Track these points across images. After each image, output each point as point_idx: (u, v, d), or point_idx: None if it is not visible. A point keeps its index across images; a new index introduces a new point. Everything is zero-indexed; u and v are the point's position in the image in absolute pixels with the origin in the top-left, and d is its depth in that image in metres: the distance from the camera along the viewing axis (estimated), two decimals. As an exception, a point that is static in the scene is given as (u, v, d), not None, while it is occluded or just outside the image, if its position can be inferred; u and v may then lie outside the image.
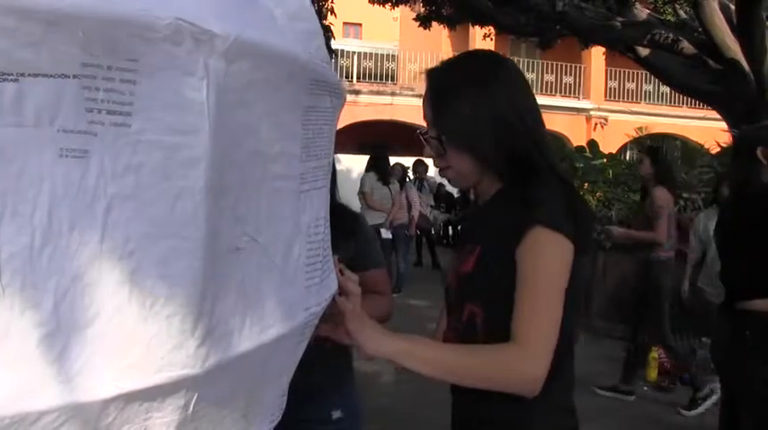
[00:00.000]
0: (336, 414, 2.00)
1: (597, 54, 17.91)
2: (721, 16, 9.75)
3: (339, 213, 1.95)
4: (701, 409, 4.76)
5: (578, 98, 20.14)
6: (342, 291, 1.16)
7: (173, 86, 0.70)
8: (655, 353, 5.39)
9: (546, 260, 1.24)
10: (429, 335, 1.52)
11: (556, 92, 20.01)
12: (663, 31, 10.27)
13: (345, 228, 1.93)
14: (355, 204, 8.56)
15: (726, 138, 9.97)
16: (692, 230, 5.19)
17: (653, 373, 5.40)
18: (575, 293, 1.33)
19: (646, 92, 20.65)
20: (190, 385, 0.78)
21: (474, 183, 1.42)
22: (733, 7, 9.43)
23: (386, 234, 8.05)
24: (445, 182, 1.38)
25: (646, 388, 5.31)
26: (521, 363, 1.20)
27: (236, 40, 0.74)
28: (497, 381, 1.22)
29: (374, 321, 1.21)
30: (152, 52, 0.68)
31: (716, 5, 9.92)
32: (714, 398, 4.61)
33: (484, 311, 1.34)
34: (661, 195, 4.94)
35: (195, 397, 0.79)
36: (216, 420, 0.86)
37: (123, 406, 0.72)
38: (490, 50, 1.54)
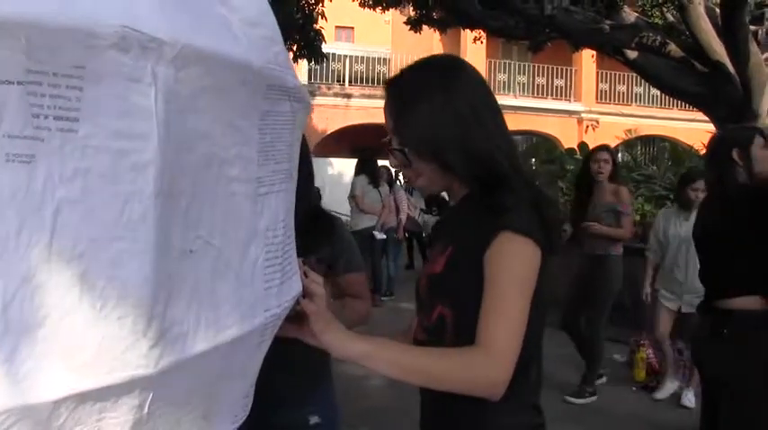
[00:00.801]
0: (314, 419, 2.00)
1: (588, 57, 17.99)
2: (707, 20, 9.83)
3: (316, 217, 1.97)
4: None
5: (570, 100, 20.20)
6: (306, 292, 1.18)
7: (120, 93, 0.71)
8: (643, 354, 5.42)
9: (514, 265, 1.25)
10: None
11: (547, 94, 20.08)
12: (650, 34, 10.34)
13: (321, 233, 1.94)
14: (348, 207, 8.60)
15: (703, 139, 10.05)
16: (652, 231, 5.20)
17: (641, 373, 5.42)
18: (544, 295, 1.35)
19: (636, 94, 20.73)
20: (144, 385, 0.79)
21: (444, 188, 1.44)
22: (718, 11, 9.49)
23: (380, 235, 8.07)
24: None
25: (634, 388, 5.33)
26: (484, 368, 1.21)
27: (185, 48, 0.75)
28: (461, 384, 1.23)
29: (339, 323, 1.22)
30: (98, 59, 0.69)
31: (702, 9, 9.99)
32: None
33: (452, 312, 1.35)
34: (627, 193, 5.03)
35: (150, 397, 0.81)
36: (173, 420, 0.88)
37: (75, 406, 0.73)
38: (448, 55, 1.56)
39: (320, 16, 12.87)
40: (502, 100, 17.88)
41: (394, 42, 20.41)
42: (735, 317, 2.61)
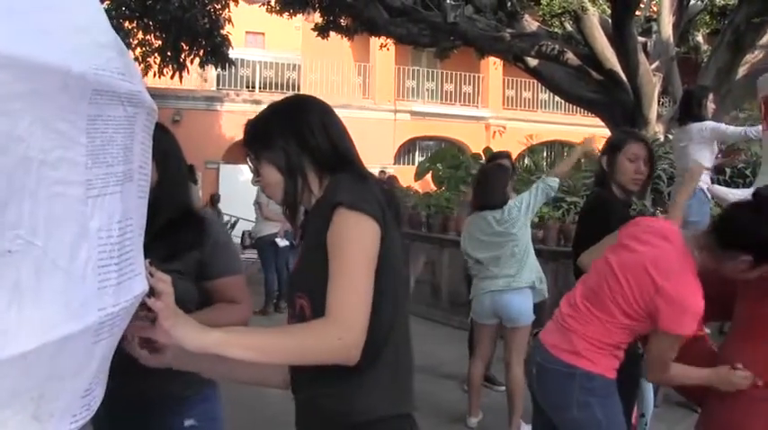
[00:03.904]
0: (189, 421, 2.00)
1: (497, 64, 18.48)
2: (601, 30, 10.32)
3: (185, 221, 1.98)
4: None
5: (477, 107, 20.70)
6: (153, 291, 1.20)
7: None
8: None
9: (349, 237, 1.34)
10: None
11: (455, 101, 20.51)
12: (550, 43, 10.77)
13: (190, 235, 1.95)
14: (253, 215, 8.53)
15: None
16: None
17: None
18: (395, 275, 1.43)
19: (542, 100, 21.43)
20: (-39, 385, 0.80)
21: (297, 198, 1.53)
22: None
23: (282, 243, 8.05)
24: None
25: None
26: (335, 333, 1.27)
27: (-8, 54, 0.77)
28: (317, 354, 1.29)
29: (189, 317, 1.25)
30: None
31: (596, 20, 10.48)
32: None
33: (309, 300, 1.43)
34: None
35: (-31, 396, 0.82)
36: (-1, 420, 0.89)
37: None
38: (302, 94, 1.79)
39: (227, 21, 12.76)
40: (410, 106, 18.13)
41: (304, 49, 20.40)
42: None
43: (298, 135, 1.50)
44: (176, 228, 1.93)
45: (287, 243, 8.09)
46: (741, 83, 9.11)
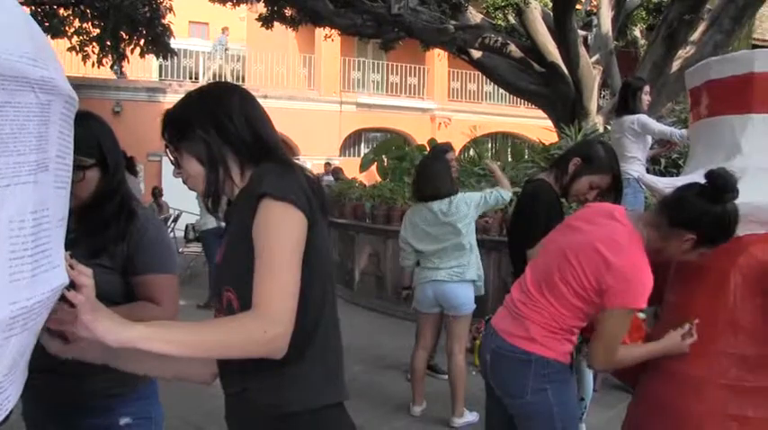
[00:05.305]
0: (124, 420, 1.96)
1: (441, 56, 18.59)
2: (542, 23, 10.48)
3: (118, 215, 1.93)
4: None
5: (423, 98, 20.82)
6: (73, 284, 1.17)
7: None
8: (478, 340, 5.67)
9: (275, 227, 1.32)
10: None
11: (401, 92, 20.58)
12: (493, 35, 10.87)
13: (118, 230, 1.90)
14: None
15: (548, 136, 10.69)
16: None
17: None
18: (322, 264, 1.43)
19: (486, 92, 21.67)
20: None
21: (219, 188, 1.51)
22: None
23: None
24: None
25: (474, 372, 5.56)
26: (260, 326, 1.25)
27: None
28: (241, 347, 1.26)
29: (109, 310, 1.22)
30: None
31: (538, 14, 10.64)
32: None
33: (236, 293, 1.42)
34: None
35: None
36: None
37: None
38: (221, 82, 1.72)
39: (169, 10, 12.50)
40: (356, 97, 18.08)
41: (249, 39, 20.16)
42: None
43: (217, 124, 1.47)
44: (108, 221, 1.89)
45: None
46: (676, 76, 9.36)
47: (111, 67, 13.14)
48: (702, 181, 2.03)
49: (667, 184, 2.28)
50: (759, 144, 2.14)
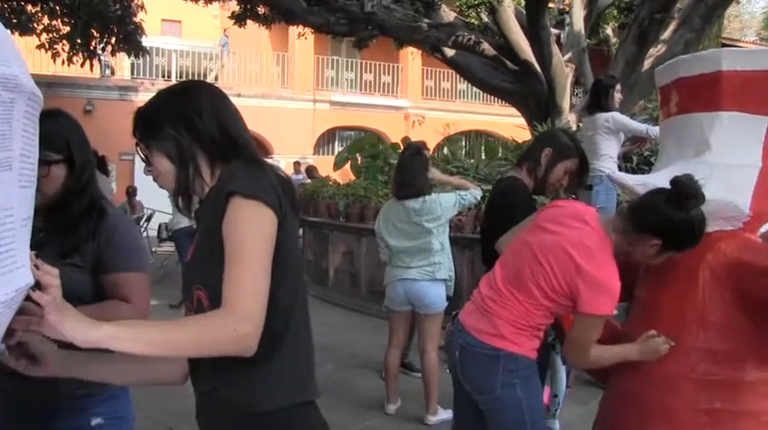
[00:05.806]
0: (96, 420, 1.94)
1: (414, 54, 18.61)
2: (516, 21, 10.54)
3: (85, 214, 1.90)
4: None
5: (396, 96, 20.84)
6: (39, 285, 1.15)
7: None
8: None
9: (245, 225, 1.32)
10: None
11: (375, 90, 20.57)
12: (466, 33, 10.91)
13: (88, 229, 1.88)
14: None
15: (521, 133, 10.76)
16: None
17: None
18: (293, 262, 1.42)
19: (460, 90, 21.73)
20: None
21: (189, 187, 1.49)
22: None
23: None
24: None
25: (448, 370, 5.58)
26: (229, 324, 1.24)
27: None
28: (210, 345, 1.26)
29: (76, 310, 1.20)
30: None
31: (511, 12, 10.70)
32: None
33: (206, 291, 1.41)
34: None
35: None
36: None
37: None
38: (192, 80, 1.69)
39: (140, 8, 12.36)
40: (330, 96, 18.08)
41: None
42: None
43: (187, 122, 1.46)
44: (77, 219, 1.86)
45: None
46: (647, 74, 9.46)
47: (100, 69, 12.96)
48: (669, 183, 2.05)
49: (638, 182, 2.30)
50: (727, 141, 2.16)
